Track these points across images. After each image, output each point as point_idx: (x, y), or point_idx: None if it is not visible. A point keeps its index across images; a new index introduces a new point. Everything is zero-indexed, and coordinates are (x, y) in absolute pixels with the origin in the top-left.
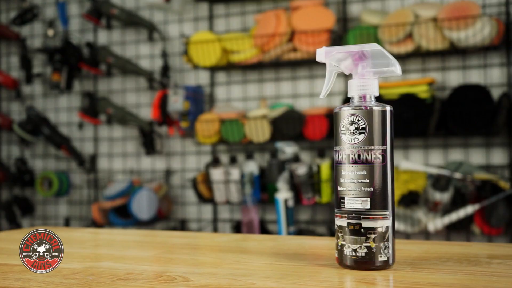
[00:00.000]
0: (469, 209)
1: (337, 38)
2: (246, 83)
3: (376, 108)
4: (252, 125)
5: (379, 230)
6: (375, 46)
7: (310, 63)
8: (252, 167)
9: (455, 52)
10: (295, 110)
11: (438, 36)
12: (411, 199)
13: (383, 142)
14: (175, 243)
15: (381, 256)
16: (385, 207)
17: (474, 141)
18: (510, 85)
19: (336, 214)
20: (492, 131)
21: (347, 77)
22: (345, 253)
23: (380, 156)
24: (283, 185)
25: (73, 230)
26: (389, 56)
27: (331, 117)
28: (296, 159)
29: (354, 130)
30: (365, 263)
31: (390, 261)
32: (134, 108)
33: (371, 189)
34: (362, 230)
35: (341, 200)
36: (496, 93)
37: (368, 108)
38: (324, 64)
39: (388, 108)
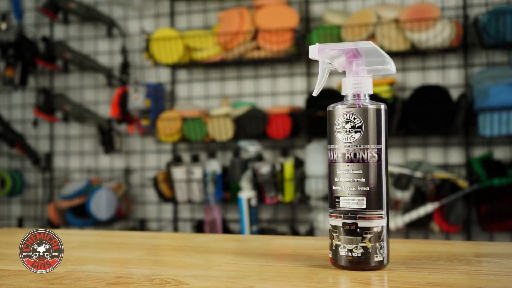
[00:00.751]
0: (429, 207)
1: (301, 37)
2: (207, 81)
3: (371, 106)
4: (215, 123)
5: (375, 230)
6: (369, 44)
7: (273, 62)
8: (214, 166)
9: (415, 53)
10: (258, 109)
11: (399, 37)
12: None
13: (378, 141)
14: (155, 244)
15: (376, 256)
16: (380, 207)
17: (432, 140)
18: (467, 86)
19: (330, 214)
20: (451, 131)
21: (310, 76)
22: (340, 254)
23: (376, 155)
24: (246, 184)
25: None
26: (384, 54)
27: (294, 116)
28: (259, 158)
29: (350, 128)
30: (361, 263)
31: (385, 261)
32: (92, 105)
33: (367, 188)
34: (358, 230)
35: (336, 200)
36: (453, 94)
37: (364, 106)
38: (285, 64)
39: (382, 106)
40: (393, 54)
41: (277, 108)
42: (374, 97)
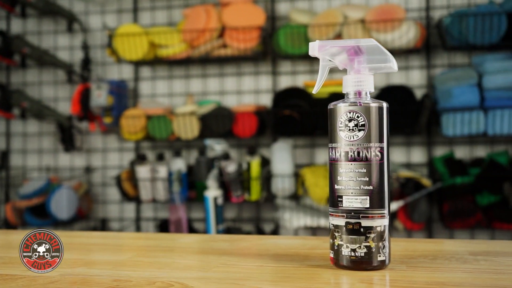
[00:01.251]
0: (394, 206)
1: (267, 36)
2: (171, 78)
3: (374, 104)
4: (181, 121)
5: (378, 229)
6: (371, 41)
7: (239, 60)
8: (180, 164)
9: None
10: (225, 107)
11: (366, 37)
12: None
13: (381, 139)
14: (142, 246)
15: (379, 256)
16: (382, 206)
17: (395, 140)
18: (429, 86)
19: (331, 213)
20: (416, 131)
21: (276, 74)
22: (343, 253)
23: (379, 154)
24: (212, 182)
25: (9, 233)
26: (386, 52)
27: (261, 115)
28: (225, 156)
29: (353, 126)
30: (364, 263)
31: (387, 261)
32: (51, 102)
33: (371, 187)
34: (362, 230)
35: (339, 199)
36: (417, 94)
37: (367, 104)
38: (251, 62)
39: (384, 104)
40: None
41: (244, 107)
42: (341, 97)
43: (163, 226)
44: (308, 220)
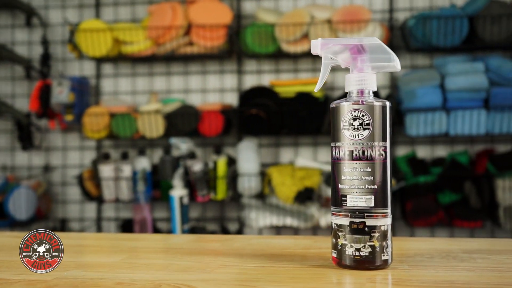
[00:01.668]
0: None
1: (234, 34)
2: (135, 76)
3: (377, 103)
4: (146, 119)
5: (382, 228)
6: (374, 40)
7: (203, 58)
8: (144, 163)
9: None
10: (190, 105)
11: (332, 37)
12: (307, 196)
13: (384, 139)
14: (131, 246)
15: (383, 255)
16: (385, 205)
17: None
18: (392, 87)
19: (335, 213)
20: None
21: (241, 73)
22: (347, 253)
23: (383, 153)
24: (178, 182)
25: None
26: (389, 51)
27: (227, 114)
28: (191, 155)
29: (358, 125)
30: (368, 262)
31: (389, 260)
32: (8, 98)
33: (375, 186)
34: (366, 229)
35: (343, 198)
36: (380, 94)
37: (371, 103)
38: (216, 61)
39: (387, 103)
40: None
41: (209, 105)
42: (307, 96)
43: (126, 226)
44: (274, 219)
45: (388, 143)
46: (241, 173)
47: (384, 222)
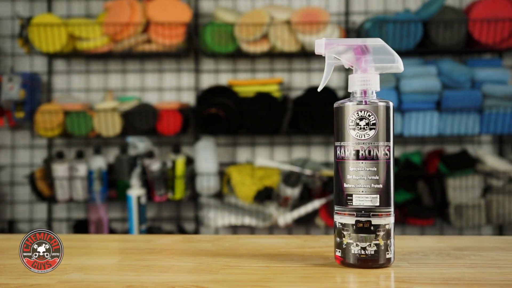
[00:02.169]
0: (317, 204)
1: (193, 32)
2: (89, 73)
3: (381, 103)
4: (102, 118)
5: (387, 227)
6: (378, 41)
7: (160, 56)
8: (100, 162)
9: (303, 55)
10: (148, 104)
11: (292, 39)
12: (266, 195)
13: (388, 138)
14: (121, 248)
15: (387, 254)
16: (389, 204)
17: (315, 139)
18: (347, 88)
19: (339, 212)
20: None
21: (199, 72)
22: (352, 252)
23: (388, 152)
24: (136, 181)
25: None
26: (392, 52)
27: (185, 112)
28: (149, 154)
29: (364, 125)
30: (373, 261)
31: (392, 259)
32: None
33: (380, 185)
34: (372, 228)
35: (348, 198)
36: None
37: (375, 103)
38: (172, 59)
39: (391, 103)
40: (277, 55)
41: (167, 104)
42: (266, 96)
43: (79, 227)
44: (232, 218)
45: (391, 143)
46: (200, 173)
47: (388, 220)
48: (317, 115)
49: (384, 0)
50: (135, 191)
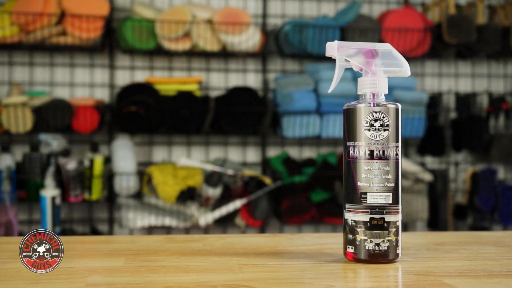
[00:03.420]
0: (238, 203)
1: (110, 27)
2: None
3: (391, 106)
4: (11, 113)
5: (397, 224)
6: (387, 46)
7: (71, 50)
8: (8, 160)
9: (223, 55)
10: (63, 99)
11: (214, 38)
12: (189, 195)
13: (397, 139)
14: (114, 250)
15: (397, 249)
16: (398, 202)
17: (232, 139)
18: (264, 89)
19: (352, 209)
20: (259, 131)
21: (113, 68)
22: (366, 248)
23: (398, 152)
24: (50, 181)
25: None
26: (400, 57)
27: (102, 109)
28: (65, 153)
29: (379, 126)
30: (386, 256)
31: (400, 254)
32: None
33: (392, 184)
34: (385, 225)
35: (362, 196)
36: None
37: (386, 106)
38: (85, 54)
39: (399, 106)
40: (196, 54)
41: (82, 100)
42: (188, 95)
43: None
44: (152, 219)
45: (400, 144)
46: (119, 172)
47: (398, 217)
48: (239, 115)
49: (300, 4)
50: (50, 192)
